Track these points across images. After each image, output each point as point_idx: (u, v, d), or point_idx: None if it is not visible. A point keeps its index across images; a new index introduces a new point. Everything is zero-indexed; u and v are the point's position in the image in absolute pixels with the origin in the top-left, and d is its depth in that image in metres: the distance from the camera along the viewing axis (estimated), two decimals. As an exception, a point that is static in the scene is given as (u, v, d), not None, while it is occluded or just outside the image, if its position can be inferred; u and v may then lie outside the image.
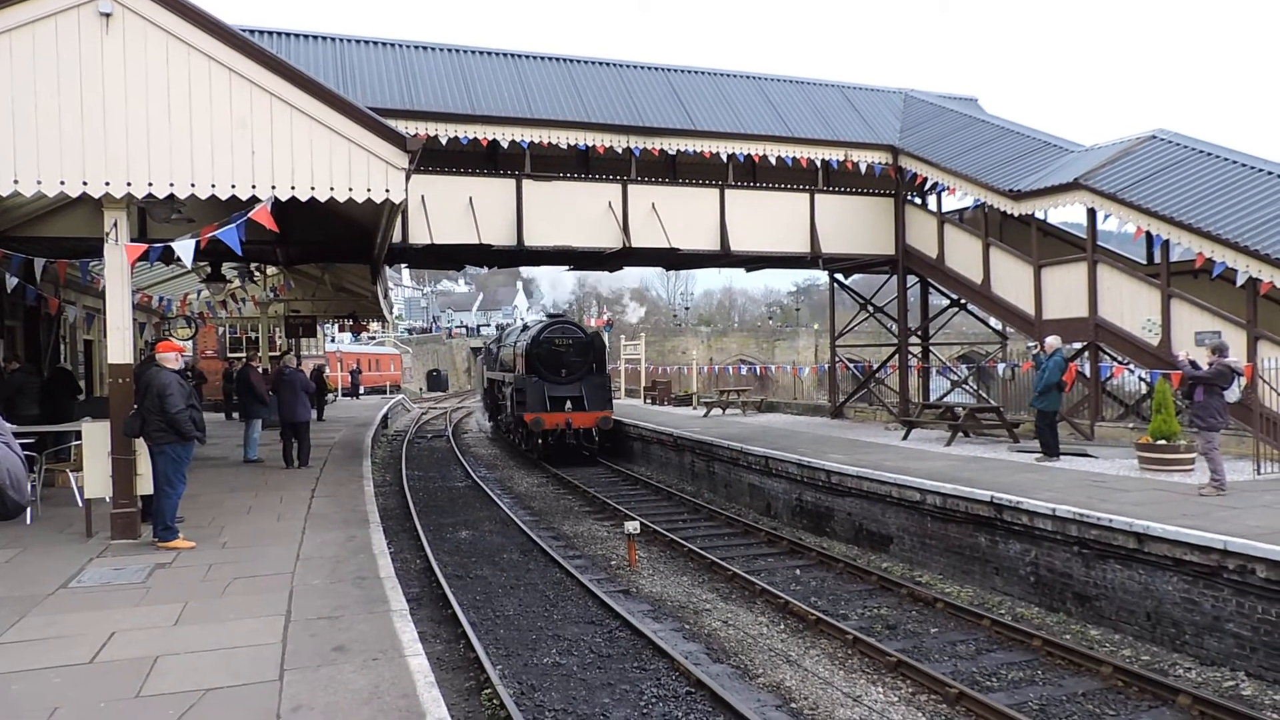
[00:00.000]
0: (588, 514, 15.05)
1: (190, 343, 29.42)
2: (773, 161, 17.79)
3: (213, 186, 8.34)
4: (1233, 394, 9.93)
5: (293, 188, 8.52)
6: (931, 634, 8.50)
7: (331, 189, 8.60)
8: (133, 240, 8.92)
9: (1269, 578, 7.00)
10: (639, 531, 11.48)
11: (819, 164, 18.11)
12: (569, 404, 20.66)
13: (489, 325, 79.99)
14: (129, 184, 8.15)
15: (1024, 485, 10.38)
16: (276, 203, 8.49)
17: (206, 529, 9.21)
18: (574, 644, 8.24)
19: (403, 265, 21.89)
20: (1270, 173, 12.94)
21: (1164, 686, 6.84)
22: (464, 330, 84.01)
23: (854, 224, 18.54)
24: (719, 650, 8.10)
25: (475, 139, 15.67)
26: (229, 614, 6.31)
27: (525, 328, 24.53)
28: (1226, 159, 13.73)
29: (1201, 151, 14.18)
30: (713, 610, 9.33)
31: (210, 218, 9.61)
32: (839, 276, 21.63)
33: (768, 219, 17.76)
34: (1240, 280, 11.95)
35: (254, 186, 8.42)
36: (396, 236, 14.55)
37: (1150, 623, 8.03)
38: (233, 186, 8.38)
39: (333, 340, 46.56)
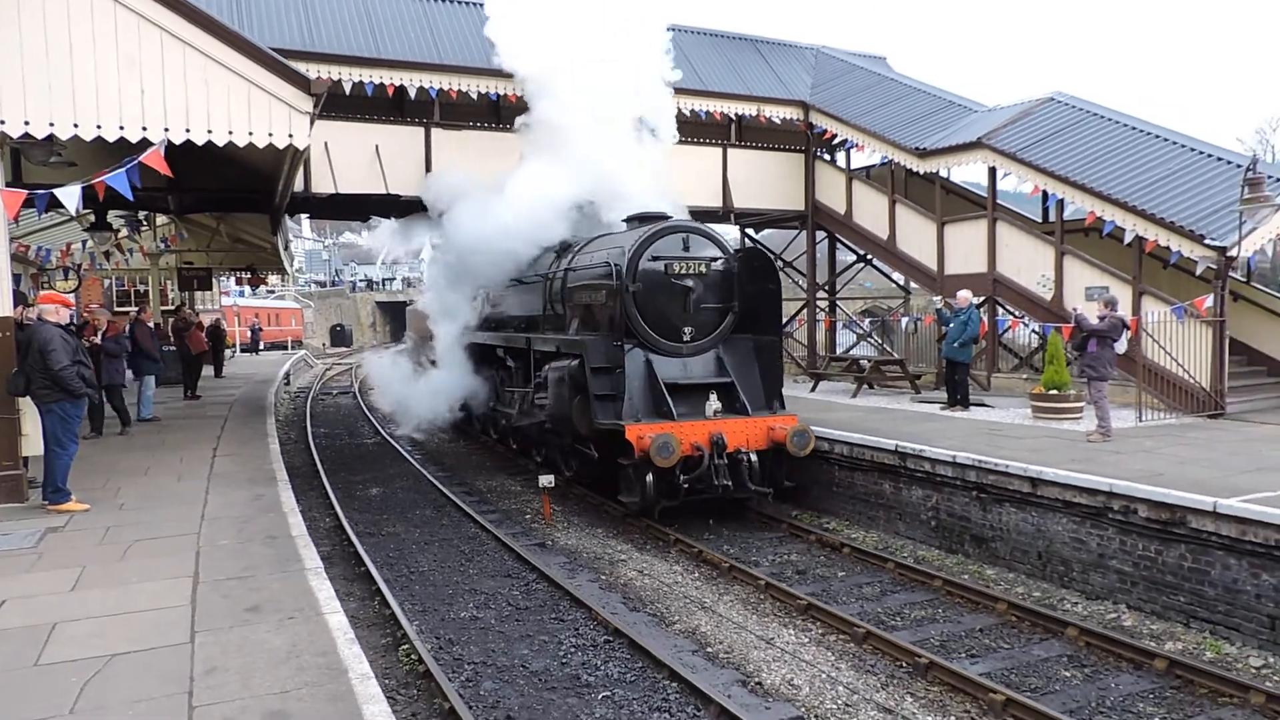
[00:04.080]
0: (500, 469, 14.98)
1: (74, 295, 27.80)
2: (686, 114, 17.69)
3: (98, 127, 7.82)
4: (1121, 345, 10.49)
5: (187, 130, 8.09)
6: (839, 577, 8.81)
7: (230, 132, 8.19)
8: (8, 185, 8.33)
9: (1150, 517, 7.48)
10: (554, 485, 11.49)
11: (732, 118, 18.13)
12: (713, 400, 10.72)
13: (395, 279, 77.93)
14: (2, 122, 7.57)
15: (926, 434, 10.78)
16: (170, 146, 8.03)
17: (101, 490, 8.80)
18: (491, 598, 8.23)
19: (303, 216, 20.89)
20: (1158, 136, 13.61)
21: (1054, 620, 7.28)
22: (366, 283, 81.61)
23: (765, 179, 18.68)
24: (635, 599, 8.22)
25: (381, 84, 15.10)
26: (131, 577, 6.07)
27: (566, 248, 12.96)
28: (1118, 122, 14.36)
29: (1095, 114, 14.79)
30: (628, 560, 9.44)
31: (93, 161, 9.04)
32: (750, 231, 21.82)
33: (680, 172, 17.66)
34: (1128, 238, 12.57)
35: (144, 128, 7.94)
36: (299, 186, 13.96)
37: (1041, 561, 8.50)
38: (120, 128, 7.88)
39: (229, 294, 44.72)
